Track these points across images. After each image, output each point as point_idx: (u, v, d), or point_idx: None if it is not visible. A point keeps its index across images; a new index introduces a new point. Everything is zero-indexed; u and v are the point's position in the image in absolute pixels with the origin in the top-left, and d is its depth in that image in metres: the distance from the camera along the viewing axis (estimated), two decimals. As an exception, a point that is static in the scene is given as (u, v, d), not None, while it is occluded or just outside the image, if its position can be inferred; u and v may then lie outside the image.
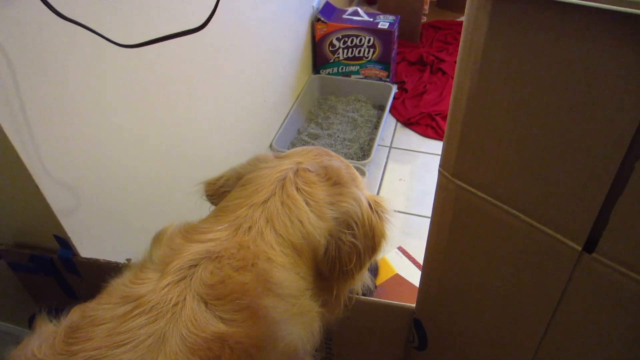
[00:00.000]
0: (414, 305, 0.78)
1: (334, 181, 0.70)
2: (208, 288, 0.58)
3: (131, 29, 0.92)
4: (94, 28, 0.74)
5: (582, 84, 0.42)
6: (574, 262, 0.49)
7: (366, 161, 1.70)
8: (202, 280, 0.58)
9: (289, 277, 0.63)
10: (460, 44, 0.52)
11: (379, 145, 1.92)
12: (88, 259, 0.92)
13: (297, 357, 0.64)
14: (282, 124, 1.85)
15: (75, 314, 0.59)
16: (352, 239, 0.67)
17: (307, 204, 0.67)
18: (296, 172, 0.70)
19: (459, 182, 0.58)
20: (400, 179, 1.75)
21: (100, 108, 0.89)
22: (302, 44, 2.00)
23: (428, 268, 0.71)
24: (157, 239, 0.66)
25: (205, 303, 0.57)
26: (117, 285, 0.61)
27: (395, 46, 2.07)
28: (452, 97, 0.55)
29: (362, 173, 1.67)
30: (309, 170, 0.71)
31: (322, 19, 2.00)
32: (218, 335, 0.56)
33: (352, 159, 1.76)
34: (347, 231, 0.67)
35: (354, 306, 0.77)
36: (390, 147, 1.91)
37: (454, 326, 0.72)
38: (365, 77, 2.11)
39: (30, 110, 0.75)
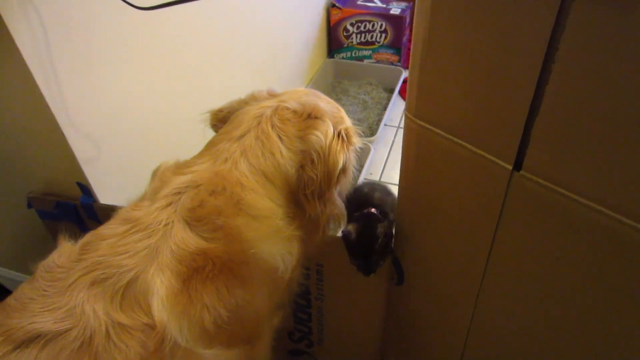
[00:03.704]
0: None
1: (308, 115, 0.77)
2: (189, 211, 0.69)
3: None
4: (114, -7, 0.85)
5: (505, 25, 0.50)
6: (507, 180, 0.57)
7: (372, 138, 1.78)
8: (184, 205, 0.69)
9: (260, 200, 0.72)
10: (417, -1, 0.61)
11: (387, 125, 2.00)
12: (106, 205, 1.03)
13: (276, 274, 0.74)
14: (295, 103, 1.95)
15: (88, 236, 0.71)
16: (312, 169, 0.74)
17: (280, 138, 0.76)
18: (275, 110, 0.78)
19: (420, 122, 0.66)
20: (405, 157, 1.83)
21: (121, 65, 1.00)
22: (317, 29, 2.09)
23: (400, 207, 0.79)
24: (154, 174, 0.78)
25: (189, 224, 0.68)
26: (121, 212, 0.73)
27: (407, 32, 2.14)
28: (412, 46, 0.64)
29: (368, 150, 1.75)
30: (287, 108, 0.78)
31: (337, 4, 2.09)
32: (201, 249, 0.67)
33: (359, 136, 1.84)
34: (309, 162, 0.75)
35: (341, 246, 0.86)
36: (398, 127, 1.99)
37: (422, 258, 0.80)
38: (377, 62, 2.19)
39: (58, 66, 0.87)
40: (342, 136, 0.78)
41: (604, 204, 0.50)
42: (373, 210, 0.84)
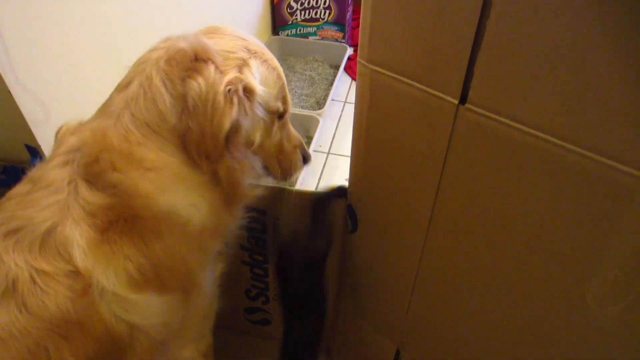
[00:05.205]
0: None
1: (195, 56, 0.69)
2: (85, 167, 0.68)
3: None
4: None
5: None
6: (453, 114, 0.63)
7: (321, 111, 1.83)
8: (80, 162, 0.69)
9: (149, 153, 0.69)
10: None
11: (334, 100, 2.05)
12: (58, 168, 1.01)
13: (192, 224, 0.72)
14: (242, 79, 1.95)
15: None
16: (189, 118, 0.68)
17: (164, 83, 0.68)
18: (165, 51, 0.70)
19: (372, 66, 0.71)
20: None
21: (68, 25, 0.98)
22: (261, 6, 2.10)
23: (355, 151, 0.84)
24: (56, 136, 0.77)
25: (89, 182, 0.68)
26: (26, 176, 0.73)
27: (351, 8, 2.19)
28: (363, -6, 0.68)
29: (317, 122, 1.80)
30: (177, 48, 0.70)
31: (281, -19, 2.10)
32: (108, 205, 0.67)
33: (308, 110, 1.89)
34: (185, 110, 0.68)
35: (293, 198, 0.90)
36: (345, 102, 2.04)
37: (374, 203, 0.85)
38: (322, 39, 2.23)
39: (3, 23, 0.84)
40: (231, 88, 0.68)
41: (545, 131, 0.57)
42: None
